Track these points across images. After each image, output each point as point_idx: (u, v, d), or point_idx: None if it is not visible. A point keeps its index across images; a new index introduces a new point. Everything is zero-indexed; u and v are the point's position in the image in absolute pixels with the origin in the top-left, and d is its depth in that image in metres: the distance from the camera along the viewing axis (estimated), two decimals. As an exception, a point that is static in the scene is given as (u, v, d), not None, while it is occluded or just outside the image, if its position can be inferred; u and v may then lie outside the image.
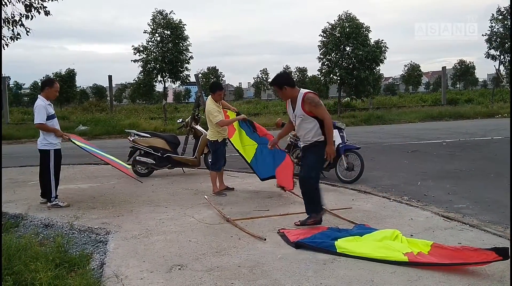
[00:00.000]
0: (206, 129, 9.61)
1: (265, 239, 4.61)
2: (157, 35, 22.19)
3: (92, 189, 7.69)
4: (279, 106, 33.09)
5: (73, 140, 6.63)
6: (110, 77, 24.12)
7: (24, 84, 69.76)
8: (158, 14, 22.10)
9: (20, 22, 10.03)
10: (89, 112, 26.91)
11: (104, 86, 67.86)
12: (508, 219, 5.45)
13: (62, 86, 42.90)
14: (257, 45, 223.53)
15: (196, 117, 9.09)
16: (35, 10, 10.28)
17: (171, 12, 22.15)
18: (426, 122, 23.58)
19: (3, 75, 22.88)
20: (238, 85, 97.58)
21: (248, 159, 7.06)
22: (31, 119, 22.71)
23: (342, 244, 4.27)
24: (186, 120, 9.21)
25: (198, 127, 8.98)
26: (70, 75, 51.03)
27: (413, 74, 67.57)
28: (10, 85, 66.34)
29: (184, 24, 22.34)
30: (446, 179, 8.16)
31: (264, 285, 3.58)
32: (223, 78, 64.07)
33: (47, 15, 10.53)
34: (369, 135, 17.20)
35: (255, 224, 5.27)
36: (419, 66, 69.40)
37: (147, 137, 8.82)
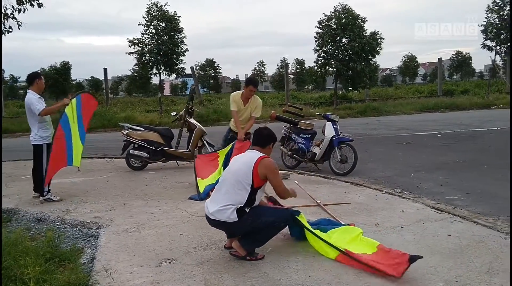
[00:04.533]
0: (200, 122, 9.65)
1: None
2: (152, 27, 22.07)
3: (85, 183, 7.69)
4: (275, 98, 33.08)
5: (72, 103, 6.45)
6: (105, 69, 24.01)
7: (20, 77, 69.44)
8: (153, 6, 21.96)
9: (12, 15, 9.98)
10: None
11: (101, 79, 67.63)
12: (499, 210, 5.50)
13: (57, 79, 42.61)
14: (256, 36, 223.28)
15: (190, 110, 9.05)
16: (28, 3, 10.20)
17: (166, 4, 22.03)
18: (422, 113, 23.58)
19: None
20: (235, 77, 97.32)
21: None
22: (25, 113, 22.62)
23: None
24: (180, 113, 9.18)
25: (192, 120, 8.96)
26: (65, 68, 50.88)
27: (410, 65, 67.45)
28: (6, 78, 66.10)
29: (179, 16, 22.22)
30: (439, 171, 8.19)
31: (253, 278, 3.60)
32: (220, 71, 63.71)
33: (40, 7, 10.49)
34: (365, 127, 17.19)
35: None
36: (416, 57, 69.26)
37: (140, 130, 8.80)
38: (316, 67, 26.04)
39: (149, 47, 21.99)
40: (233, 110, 7.13)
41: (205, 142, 8.94)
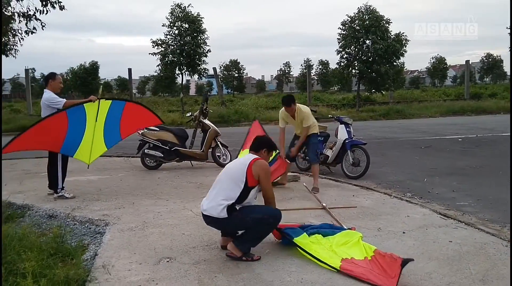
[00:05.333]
0: (214, 123, 9.74)
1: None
2: (175, 28, 22.36)
3: (100, 181, 7.87)
4: (297, 99, 32.93)
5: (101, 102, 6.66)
6: (129, 70, 24.46)
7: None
8: (177, 7, 22.25)
9: (34, 16, 10.27)
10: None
11: (128, 79, 68.88)
12: (508, 217, 5.39)
13: (86, 78, 43.61)
14: (282, 37, 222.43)
15: (205, 111, 9.17)
16: (50, 5, 10.48)
17: (189, 5, 22.29)
18: (447, 117, 23.18)
19: (26, 67, 23.41)
20: (260, 78, 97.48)
21: None
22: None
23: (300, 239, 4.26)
24: (195, 114, 9.31)
25: (206, 121, 9.08)
26: (93, 68, 51.96)
27: (438, 67, 66.26)
28: (36, 77, 67.97)
29: (202, 17, 22.49)
30: (454, 176, 8.07)
31: (246, 279, 3.65)
32: (244, 71, 63.90)
33: (62, 10, 10.77)
34: (386, 130, 17.03)
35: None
36: (445, 59, 67.98)
37: (155, 130, 8.94)
38: (338, 69, 25.88)
39: (172, 48, 22.30)
40: (280, 127, 7.25)
41: (219, 143, 9.03)
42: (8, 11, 12.35)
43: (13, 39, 15.68)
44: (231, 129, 17.33)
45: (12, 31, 15.54)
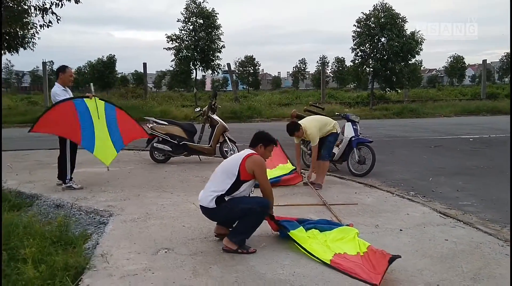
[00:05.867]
0: (226, 118, 9.84)
1: None
2: (189, 23, 22.51)
3: (109, 173, 8.00)
4: (311, 96, 32.98)
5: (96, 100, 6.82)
6: (144, 64, 24.62)
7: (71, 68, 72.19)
8: (192, 3, 22.40)
9: (50, 9, 10.47)
10: (125, 98, 27.56)
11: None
12: (509, 218, 5.38)
13: (103, 72, 44.20)
14: (298, 34, 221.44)
15: (213, 106, 9.27)
16: (67, -1, 10.65)
17: (204, 0, 22.41)
18: (462, 116, 22.92)
19: (44, 60, 23.78)
20: (276, 75, 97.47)
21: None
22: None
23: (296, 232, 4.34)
24: (204, 109, 9.41)
25: (215, 117, 9.17)
26: (111, 61, 52.57)
27: (456, 66, 65.45)
28: (54, 70, 68.97)
29: (216, 13, 22.59)
30: (460, 176, 8.05)
31: (239, 271, 3.74)
32: (259, 67, 63.94)
33: (77, 3, 10.95)
34: (398, 128, 16.94)
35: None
36: (463, 58, 67.12)
37: (164, 124, 9.08)
38: (353, 66, 25.79)
39: (186, 43, 22.46)
40: (295, 143, 7.29)
41: (226, 138, 9.12)
42: (25, 4, 12.63)
43: (30, 31, 15.96)
44: (243, 125, 17.40)
45: (31, 23, 15.86)
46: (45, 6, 10.51)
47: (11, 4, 14.48)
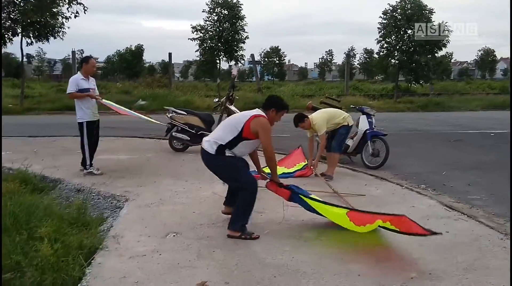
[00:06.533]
0: (244, 109, 10.01)
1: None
2: (214, 14, 22.74)
3: (129, 161, 8.34)
4: (335, 88, 32.82)
5: (105, 102, 7.25)
6: (170, 54, 24.99)
7: (98, 58, 73.67)
8: (217, -6, 22.63)
9: (76, 1, 10.81)
10: (151, 88, 28.03)
11: (172, 63, 70.32)
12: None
13: (131, 61, 44.86)
14: (327, 24, 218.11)
15: (231, 97, 9.46)
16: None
17: (229, -9, 22.61)
18: (488, 110, 22.52)
19: (73, 49, 24.40)
20: (303, 66, 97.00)
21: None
22: (102, 92, 24.27)
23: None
24: (222, 99, 9.62)
25: (232, 107, 9.36)
26: (138, 51, 53.30)
27: (486, 59, 63.89)
28: (85, 59, 70.38)
29: (241, 4, 22.74)
30: (474, 170, 8.06)
31: (241, 255, 3.95)
32: (284, 58, 63.79)
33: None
34: (420, 122, 16.83)
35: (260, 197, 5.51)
36: (494, 51, 65.44)
37: (183, 114, 9.32)
38: (378, 59, 25.59)
39: (211, 33, 22.70)
40: (308, 136, 7.40)
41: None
42: None
43: (59, 21, 16.45)
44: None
45: (60, 14, 16.38)
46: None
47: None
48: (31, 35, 19.05)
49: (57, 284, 3.32)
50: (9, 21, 18.24)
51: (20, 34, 18.81)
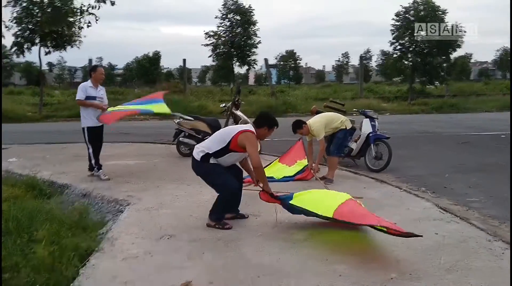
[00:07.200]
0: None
1: (247, 216, 5.14)
2: (227, 20, 23.03)
3: (136, 166, 8.56)
4: (350, 91, 32.72)
5: (109, 109, 7.43)
6: (184, 60, 25.32)
7: (116, 65, 75.00)
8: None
9: (87, 12, 11.17)
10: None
11: (190, 68, 71.05)
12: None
13: (148, 68, 45.49)
14: (344, 26, 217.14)
15: (236, 102, 9.64)
16: (102, 1, 11.33)
17: (240, -4, 22.88)
18: (504, 112, 22.13)
19: (90, 58, 24.92)
20: (320, 68, 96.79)
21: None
22: (119, 99, 24.75)
23: (296, 196, 4.95)
24: (228, 105, 9.80)
25: (238, 112, 9.53)
26: (156, 57, 53.98)
27: (505, 58, 62.85)
28: (104, 65, 71.66)
29: (253, 9, 22.98)
30: (477, 173, 8.05)
31: (230, 257, 4.09)
32: (299, 61, 63.81)
33: (113, 5, 11.60)
34: (432, 124, 16.74)
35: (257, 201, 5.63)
36: (513, 50, 64.24)
37: (190, 120, 9.53)
38: (391, 60, 25.52)
39: (223, 39, 22.99)
40: (307, 140, 7.55)
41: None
42: (67, 5, 13.49)
43: (73, 30, 16.89)
44: (278, 119, 17.67)
45: (77, 23, 16.84)
46: (82, 8, 11.22)
47: (58, 5, 15.50)
48: (49, 45, 19.62)
49: (51, 284, 3.50)
50: (28, 31, 18.86)
51: (38, 44, 19.41)
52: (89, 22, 12.14)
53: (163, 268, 3.83)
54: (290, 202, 4.84)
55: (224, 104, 10.23)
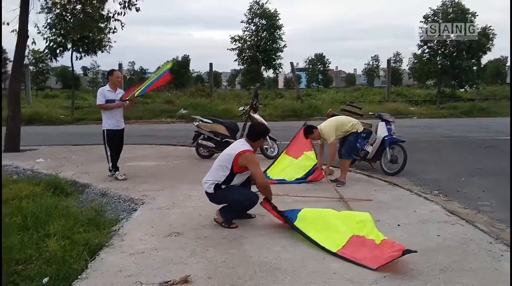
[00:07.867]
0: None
1: (254, 216, 5.28)
2: (252, 24, 23.29)
3: (155, 167, 8.83)
4: (378, 94, 32.42)
5: (136, 95, 7.70)
6: (211, 64, 25.74)
7: (148, 69, 76.39)
8: (255, 4, 23.14)
9: (113, 18, 11.58)
10: (194, 97, 28.85)
11: (220, 72, 72.00)
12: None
13: (178, 72, 46.14)
14: (376, 29, 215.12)
15: (254, 105, 9.80)
16: (127, 8, 11.72)
17: (267, 1, 23.09)
18: (536, 115, 21.63)
19: (119, 62, 25.62)
20: (351, 72, 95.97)
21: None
22: (148, 103, 25.42)
23: (301, 216, 4.83)
24: (246, 108, 9.98)
25: (256, 116, 9.70)
26: (185, 61, 54.82)
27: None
28: (136, 70, 73.30)
29: (278, 13, 23.16)
30: (494, 177, 7.98)
31: (231, 253, 4.25)
32: (328, 65, 63.51)
33: (138, 11, 11.97)
34: (458, 128, 16.49)
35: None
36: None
37: (209, 123, 9.75)
38: (419, 64, 25.20)
39: (249, 43, 23.25)
40: (319, 143, 7.70)
41: (267, 136, 9.61)
42: (97, 11, 14.02)
43: (101, 36, 17.48)
44: (295, 123, 17.75)
45: (103, 29, 17.43)
46: (108, 14, 11.63)
47: (89, 11, 16.10)
48: (80, 50, 20.37)
49: (60, 275, 3.74)
50: (60, 37, 19.62)
51: (70, 49, 20.17)
52: (115, 28, 12.57)
53: (167, 263, 4.02)
54: (294, 223, 4.81)
55: (242, 107, 10.41)
